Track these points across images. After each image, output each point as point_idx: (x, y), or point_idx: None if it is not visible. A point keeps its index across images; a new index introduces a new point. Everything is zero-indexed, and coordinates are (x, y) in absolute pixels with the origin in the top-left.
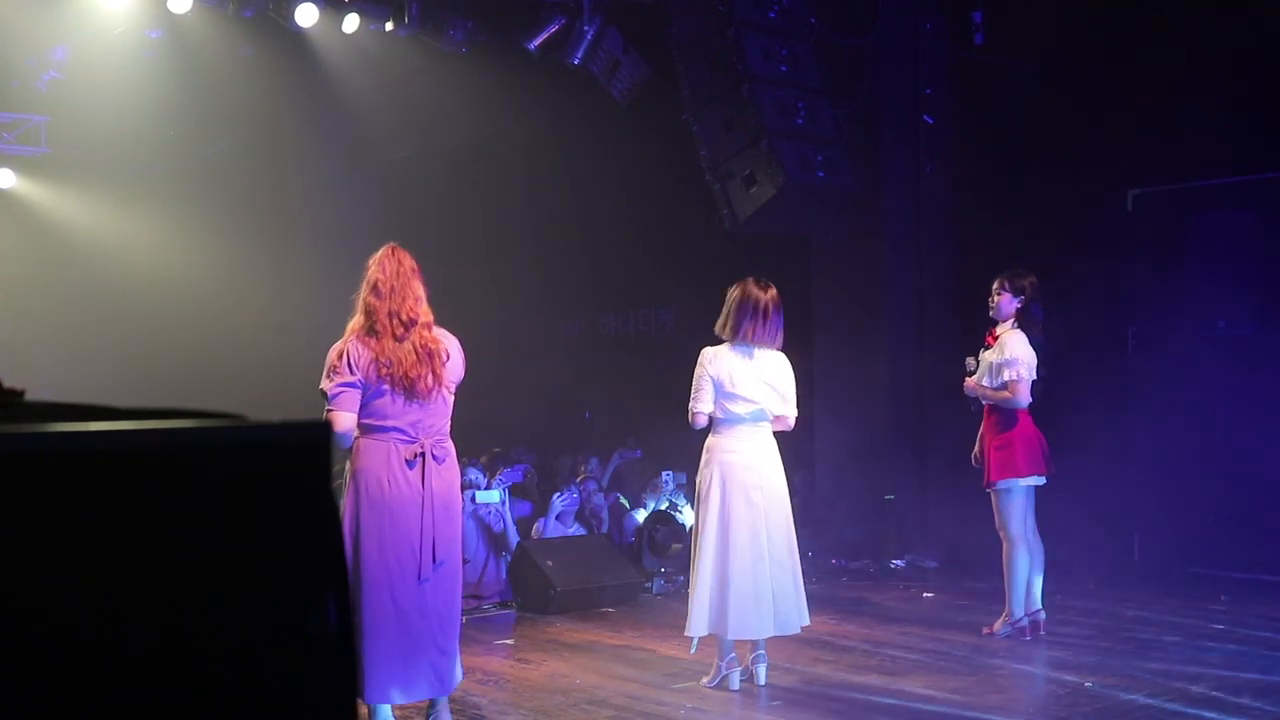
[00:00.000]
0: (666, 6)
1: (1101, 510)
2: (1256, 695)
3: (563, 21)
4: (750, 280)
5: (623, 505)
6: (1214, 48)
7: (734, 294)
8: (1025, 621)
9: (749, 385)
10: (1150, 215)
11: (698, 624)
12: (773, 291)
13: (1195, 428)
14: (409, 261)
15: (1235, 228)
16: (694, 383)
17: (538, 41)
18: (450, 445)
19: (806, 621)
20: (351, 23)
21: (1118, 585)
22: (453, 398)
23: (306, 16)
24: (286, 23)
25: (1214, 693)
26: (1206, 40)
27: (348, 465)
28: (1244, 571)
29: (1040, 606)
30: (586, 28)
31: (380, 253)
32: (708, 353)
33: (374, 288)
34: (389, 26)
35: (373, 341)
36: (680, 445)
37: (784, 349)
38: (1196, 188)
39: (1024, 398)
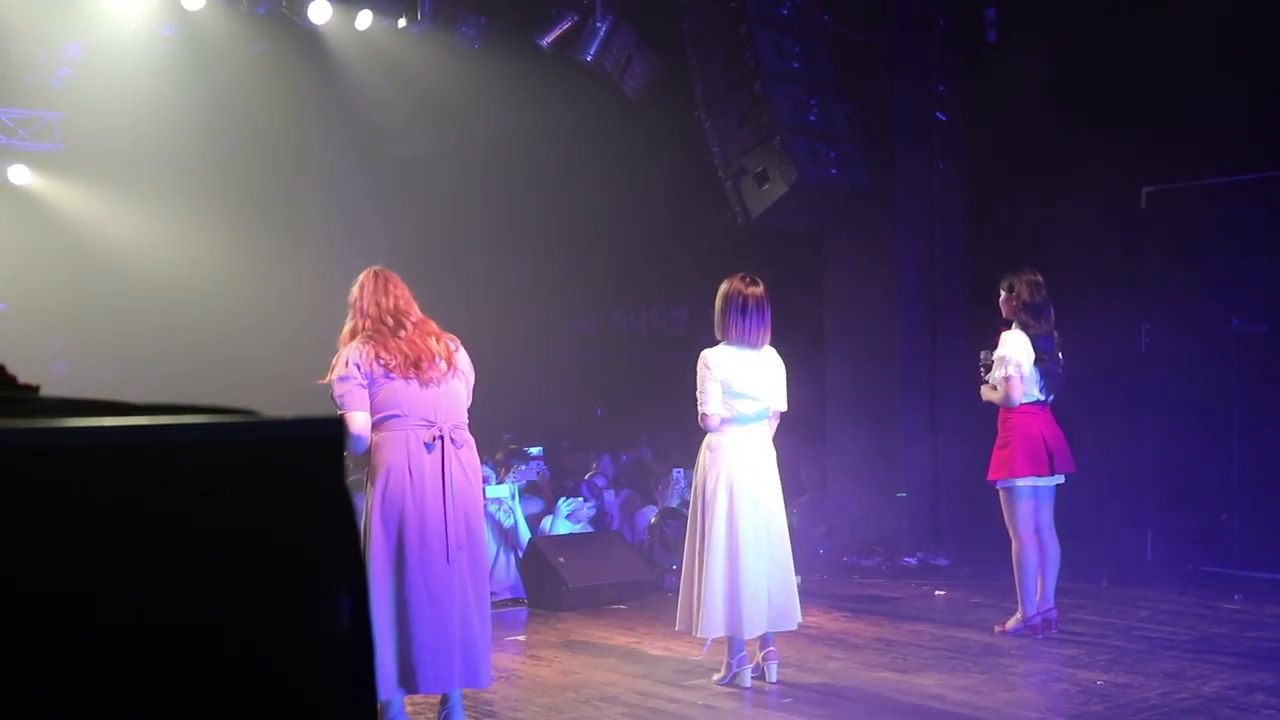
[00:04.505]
0: (679, 2)
1: (1114, 507)
2: (1270, 694)
3: (575, 18)
4: (736, 277)
5: (635, 502)
6: (1229, 44)
7: (720, 292)
8: (1037, 619)
9: (752, 383)
10: (1164, 212)
11: (712, 625)
12: (758, 287)
13: (1209, 425)
14: (396, 278)
15: (1250, 225)
16: (699, 385)
17: (550, 38)
18: (469, 435)
19: (799, 618)
20: (364, 19)
21: (1130, 583)
22: (469, 391)
23: (319, 13)
24: (300, 19)
25: (1227, 692)
26: (1221, 36)
27: (369, 461)
28: (1258, 570)
29: (1052, 604)
30: (599, 24)
31: (361, 276)
32: (708, 354)
33: (359, 307)
34: (402, 23)
35: (372, 342)
36: (691, 442)
37: (795, 345)
38: (1211, 185)
39: (1014, 397)
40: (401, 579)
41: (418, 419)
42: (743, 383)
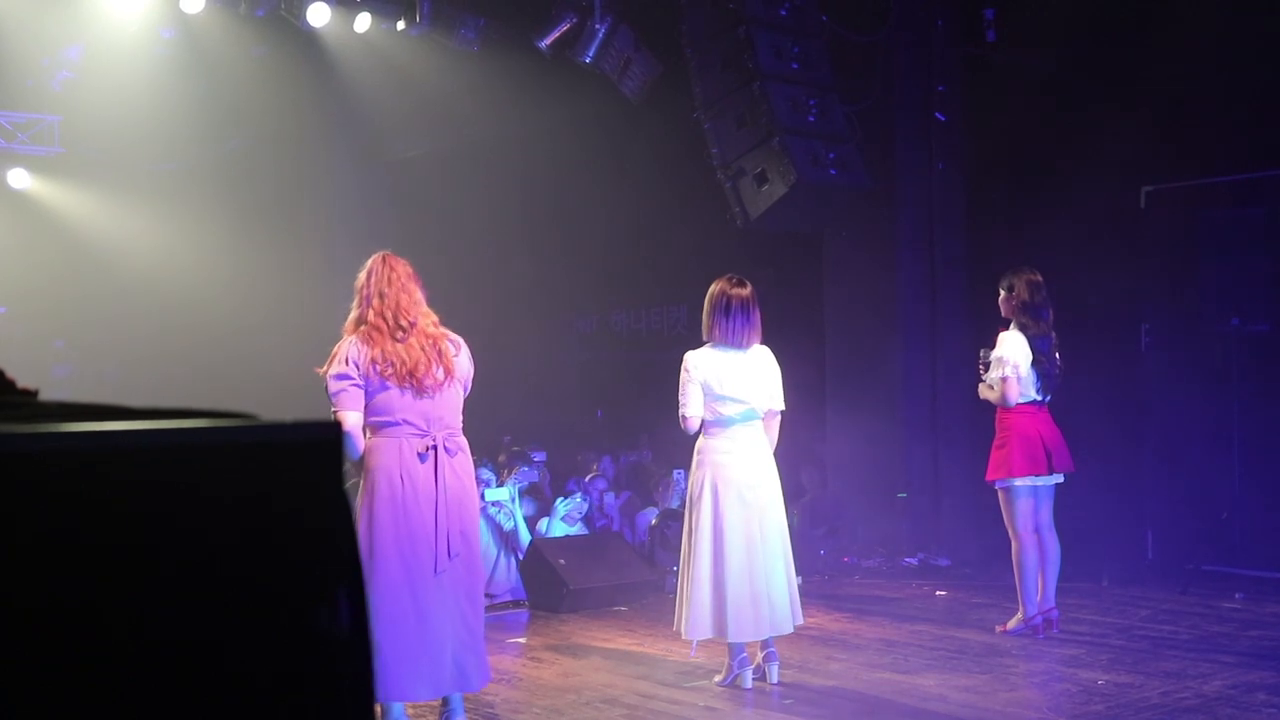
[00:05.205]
0: (678, 4)
1: (1115, 507)
2: (1271, 694)
3: (574, 19)
4: (723, 278)
5: (635, 503)
6: (1229, 43)
7: (708, 293)
8: (1038, 619)
9: (736, 385)
10: (1163, 212)
11: (698, 628)
12: (744, 289)
13: (1209, 424)
14: (402, 267)
15: (1249, 224)
16: (680, 387)
17: (549, 40)
18: (463, 440)
19: (800, 621)
20: (363, 22)
21: (1131, 583)
22: (464, 395)
23: (318, 16)
24: (298, 22)
25: (1228, 691)
26: (1220, 36)
27: (362, 466)
28: (1258, 569)
29: (1053, 604)
30: (598, 26)
31: (369, 261)
32: (690, 356)
33: (364, 296)
34: (400, 25)
35: (371, 342)
36: (692, 444)
37: (795, 345)
38: (1210, 184)
39: (1010, 397)
40: (387, 586)
41: (412, 427)
42: (726, 385)
